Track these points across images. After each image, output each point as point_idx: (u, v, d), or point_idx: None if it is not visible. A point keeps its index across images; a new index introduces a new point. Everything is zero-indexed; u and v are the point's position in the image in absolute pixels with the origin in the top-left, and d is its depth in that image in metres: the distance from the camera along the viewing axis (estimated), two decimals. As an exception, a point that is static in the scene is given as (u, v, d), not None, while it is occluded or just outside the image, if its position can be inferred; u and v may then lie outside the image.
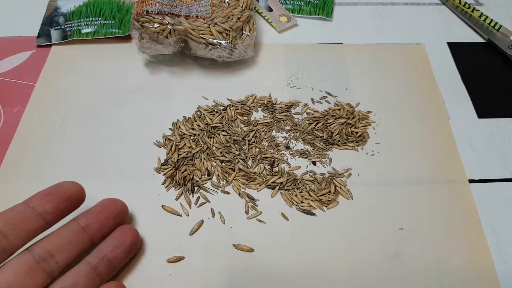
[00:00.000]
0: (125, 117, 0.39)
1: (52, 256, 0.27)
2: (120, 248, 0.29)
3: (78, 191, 0.29)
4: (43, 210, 0.27)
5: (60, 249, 0.27)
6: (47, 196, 0.27)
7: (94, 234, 0.29)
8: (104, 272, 0.28)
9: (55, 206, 0.27)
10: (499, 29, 0.46)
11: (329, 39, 0.46)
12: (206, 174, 0.36)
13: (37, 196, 0.28)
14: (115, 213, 0.30)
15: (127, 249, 0.29)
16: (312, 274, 0.31)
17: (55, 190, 0.28)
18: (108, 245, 0.29)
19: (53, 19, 0.46)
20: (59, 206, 0.27)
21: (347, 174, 0.36)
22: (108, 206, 0.30)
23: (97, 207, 0.30)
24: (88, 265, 0.27)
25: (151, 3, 0.39)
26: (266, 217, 0.34)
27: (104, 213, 0.29)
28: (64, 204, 0.28)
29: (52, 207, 0.27)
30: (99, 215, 0.29)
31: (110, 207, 0.30)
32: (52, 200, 0.27)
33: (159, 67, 0.43)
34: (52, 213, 0.27)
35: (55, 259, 0.27)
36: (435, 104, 0.41)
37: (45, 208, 0.27)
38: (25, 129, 0.38)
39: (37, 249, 0.26)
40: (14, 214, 0.26)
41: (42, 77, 0.42)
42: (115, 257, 0.28)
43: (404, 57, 0.45)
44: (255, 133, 0.38)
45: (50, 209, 0.27)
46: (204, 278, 0.31)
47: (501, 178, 0.36)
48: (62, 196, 0.28)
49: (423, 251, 0.32)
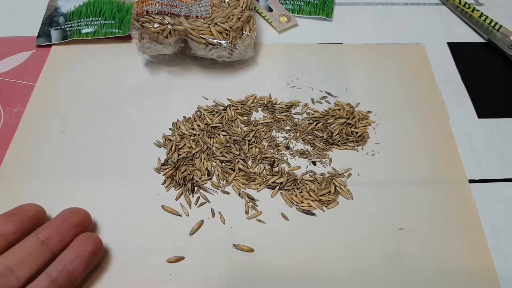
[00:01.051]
0: (125, 117, 0.39)
1: (12, 272, 0.26)
2: (80, 258, 0.28)
3: (39, 212, 0.30)
4: (4, 230, 0.28)
5: (21, 264, 0.27)
6: (9, 217, 0.28)
7: (55, 246, 0.28)
8: (64, 284, 0.27)
9: (18, 226, 0.28)
10: (499, 29, 0.46)
11: (329, 39, 0.46)
12: (206, 174, 0.36)
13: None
14: (75, 223, 0.29)
15: (87, 259, 0.28)
16: (312, 274, 0.31)
17: (16, 212, 0.29)
18: (68, 255, 0.28)
19: (53, 19, 0.46)
20: (21, 225, 0.28)
21: (347, 174, 0.36)
22: (68, 217, 0.30)
23: (57, 218, 0.30)
24: (47, 277, 0.27)
25: (151, 3, 0.39)
26: (266, 217, 0.34)
27: (64, 224, 0.29)
28: (27, 224, 0.29)
29: (14, 227, 0.28)
30: (59, 227, 0.29)
31: (70, 218, 0.30)
32: (14, 221, 0.28)
33: (159, 67, 0.43)
34: (14, 233, 0.28)
35: (15, 274, 0.26)
36: (435, 104, 0.41)
37: (6, 229, 0.28)
38: (25, 129, 0.38)
39: None
40: None
41: (42, 77, 0.42)
42: (74, 268, 0.28)
43: (404, 57, 0.45)
44: (255, 133, 0.38)
45: (12, 229, 0.28)
46: (204, 278, 0.31)
47: (501, 178, 0.36)
48: (24, 216, 0.29)
49: (423, 251, 0.32)
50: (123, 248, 0.32)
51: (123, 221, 0.33)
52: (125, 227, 0.33)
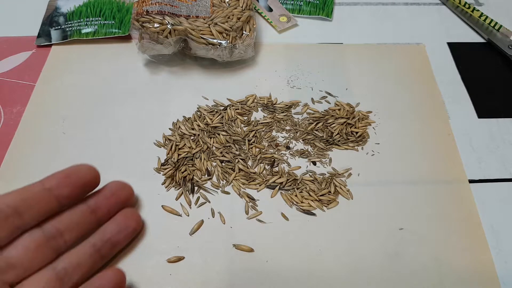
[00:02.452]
0: (125, 117, 0.39)
1: (61, 235, 0.28)
2: (123, 232, 0.30)
3: (94, 177, 0.30)
4: (59, 193, 0.28)
5: (69, 229, 0.28)
6: (65, 179, 0.28)
7: (102, 217, 0.30)
8: (106, 254, 0.29)
9: (72, 190, 0.28)
10: (499, 29, 0.46)
11: (329, 39, 0.46)
12: (206, 174, 0.36)
13: (55, 177, 0.28)
14: (123, 198, 0.31)
15: (130, 234, 0.31)
16: (312, 274, 0.31)
17: (73, 174, 0.29)
18: (113, 228, 0.30)
19: (53, 19, 0.46)
20: (75, 190, 0.28)
21: (347, 174, 0.36)
22: (116, 191, 0.31)
23: (107, 190, 0.31)
24: (92, 246, 0.28)
25: (151, 3, 0.39)
26: (266, 217, 0.34)
27: (113, 198, 0.30)
28: (80, 189, 0.29)
29: (68, 191, 0.28)
30: (109, 200, 0.30)
31: (119, 192, 0.31)
32: (69, 185, 0.28)
33: (159, 67, 0.43)
34: (67, 197, 0.28)
35: (63, 238, 0.28)
36: (435, 104, 0.41)
37: (61, 192, 0.28)
38: (25, 129, 0.38)
39: (48, 227, 0.28)
40: (30, 195, 0.27)
41: (42, 77, 0.42)
42: (118, 241, 0.30)
43: (404, 57, 0.45)
44: (255, 133, 0.38)
45: (66, 193, 0.28)
46: (204, 278, 0.31)
47: (501, 178, 0.36)
48: (78, 182, 0.29)
49: (423, 251, 0.32)
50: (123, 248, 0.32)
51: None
52: (125, 227, 0.33)
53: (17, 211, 0.26)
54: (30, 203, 0.27)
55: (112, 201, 0.30)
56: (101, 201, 0.30)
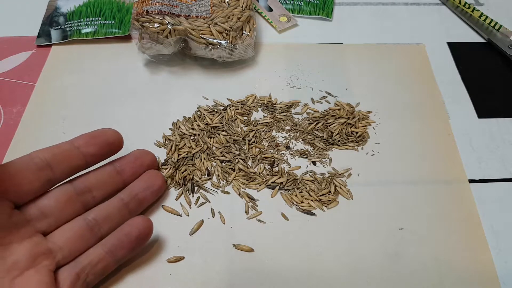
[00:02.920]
0: (125, 117, 0.39)
1: (90, 191, 0.30)
2: (150, 189, 0.32)
3: (118, 139, 0.31)
4: (86, 151, 0.30)
5: (97, 187, 0.30)
6: (91, 139, 0.30)
7: (127, 178, 0.32)
8: (133, 209, 0.31)
9: (98, 149, 0.30)
10: (499, 29, 0.46)
11: (329, 39, 0.46)
12: (206, 174, 0.36)
13: (82, 137, 0.30)
14: (147, 162, 0.33)
15: (156, 192, 0.32)
16: (312, 274, 0.31)
17: (99, 135, 0.31)
18: (140, 186, 0.32)
19: (53, 19, 0.46)
20: (101, 150, 0.30)
21: (347, 174, 0.36)
22: (141, 156, 0.33)
23: (131, 156, 0.33)
24: (120, 201, 0.30)
25: (151, 3, 0.39)
26: (266, 217, 0.34)
27: (138, 161, 0.33)
28: (106, 149, 0.31)
29: (94, 149, 0.30)
30: (134, 162, 0.32)
31: (143, 157, 0.33)
32: (95, 144, 0.30)
33: (159, 67, 0.43)
34: (94, 155, 0.30)
35: (92, 194, 0.30)
36: (435, 104, 0.41)
37: (88, 150, 0.30)
38: (25, 129, 0.38)
39: (78, 183, 0.30)
40: (60, 151, 0.29)
41: (42, 77, 0.42)
42: (145, 197, 0.32)
43: (404, 57, 0.45)
44: (255, 133, 0.38)
45: (92, 151, 0.30)
46: (204, 278, 0.31)
47: (501, 178, 0.36)
48: (105, 141, 0.31)
49: (423, 251, 0.32)
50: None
51: (123, 221, 0.33)
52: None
53: (48, 164, 0.28)
54: (60, 158, 0.29)
55: (136, 164, 0.32)
56: (126, 164, 0.32)
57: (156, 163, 0.34)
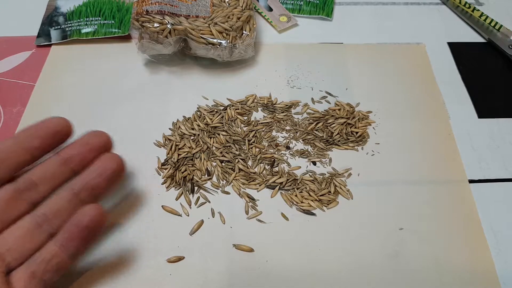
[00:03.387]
0: (125, 117, 0.39)
1: (35, 186, 0.28)
2: (103, 175, 0.29)
3: (65, 127, 0.29)
4: (30, 145, 0.28)
5: (43, 181, 0.28)
6: (35, 131, 0.28)
7: (76, 166, 0.29)
8: (86, 199, 0.28)
9: (41, 141, 0.28)
10: (500, 29, 0.46)
11: (329, 39, 0.46)
12: (206, 174, 0.36)
13: (25, 130, 0.28)
14: (98, 146, 0.30)
15: (110, 176, 0.29)
16: (312, 274, 0.31)
17: (42, 126, 0.29)
18: (91, 172, 0.29)
19: (53, 19, 0.46)
20: (45, 141, 0.28)
21: (347, 174, 0.36)
22: (90, 140, 0.30)
23: (80, 140, 0.30)
24: (70, 191, 0.28)
25: (151, 3, 0.39)
26: (266, 217, 0.34)
27: (87, 146, 0.30)
28: (50, 140, 0.29)
29: (38, 142, 0.28)
30: (82, 148, 0.30)
31: (93, 140, 0.30)
32: (38, 136, 0.28)
33: (159, 67, 0.43)
34: (38, 148, 0.28)
35: (38, 189, 0.28)
36: (435, 104, 0.41)
37: (32, 143, 0.28)
38: (25, 129, 0.38)
39: (21, 180, 0.28)
40: (3, 147, 0.27)
41: (42, 77, 0.42)
42: (97, 184, 0.29)
43: (404, 57, 0.45)
44: (255, 133, 0.38)
45: (36, 144, 0.28)
46: (204, 278, 0.31)
47: (501, 178, 0.36)
48: (48, 132, 0.29)
49: (423, 251, 0.32)
50: (123, 248, 0.32)
51: (123, 221, 0.33)
52: (125, 227, 0.33)
53: None
54: (3, 156, 0.27)
55: (85, 149, 0.30)
56: (73, 150, 0.29)
57: (110, 144, 0.31)
